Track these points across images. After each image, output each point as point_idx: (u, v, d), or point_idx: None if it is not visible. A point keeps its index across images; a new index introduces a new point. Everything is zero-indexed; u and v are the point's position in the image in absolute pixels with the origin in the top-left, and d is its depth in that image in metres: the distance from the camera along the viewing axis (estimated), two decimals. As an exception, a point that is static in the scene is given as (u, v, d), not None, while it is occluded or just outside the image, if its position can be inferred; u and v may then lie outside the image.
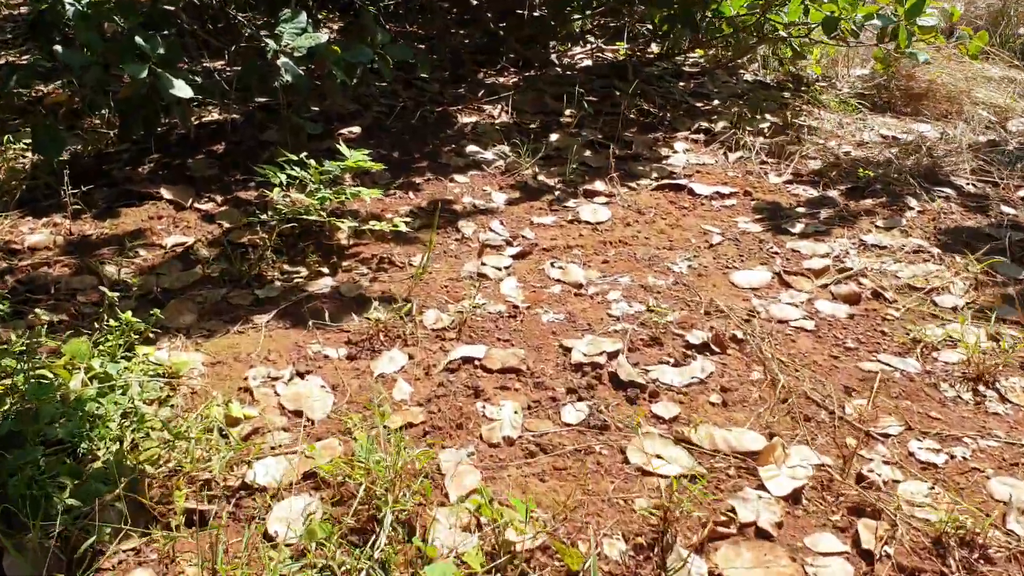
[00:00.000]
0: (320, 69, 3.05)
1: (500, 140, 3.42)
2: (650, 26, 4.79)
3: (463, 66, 4.26)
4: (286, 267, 2.44)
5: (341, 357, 2.03)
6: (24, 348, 1.83)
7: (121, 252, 2.45)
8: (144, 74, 2.70)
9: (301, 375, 1.94)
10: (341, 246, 2.58)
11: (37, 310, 2.07)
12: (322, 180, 2.59)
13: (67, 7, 2.85)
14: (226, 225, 2.65)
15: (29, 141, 3.10)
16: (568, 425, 1.79)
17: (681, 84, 4.37)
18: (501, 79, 4.25)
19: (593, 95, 3.96)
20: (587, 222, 2.79)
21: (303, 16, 2.94)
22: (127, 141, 3.18)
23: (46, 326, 2.01)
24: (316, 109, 3.60)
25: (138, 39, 2.73)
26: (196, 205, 2.76)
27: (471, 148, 3.32)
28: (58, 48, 2.72)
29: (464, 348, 2.05)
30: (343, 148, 2.82)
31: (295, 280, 2.38)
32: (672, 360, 2.02)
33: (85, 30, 2.83)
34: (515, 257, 2.54)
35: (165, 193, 2.77)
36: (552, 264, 2.49)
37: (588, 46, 4.70)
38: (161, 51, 2.76)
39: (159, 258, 2.45)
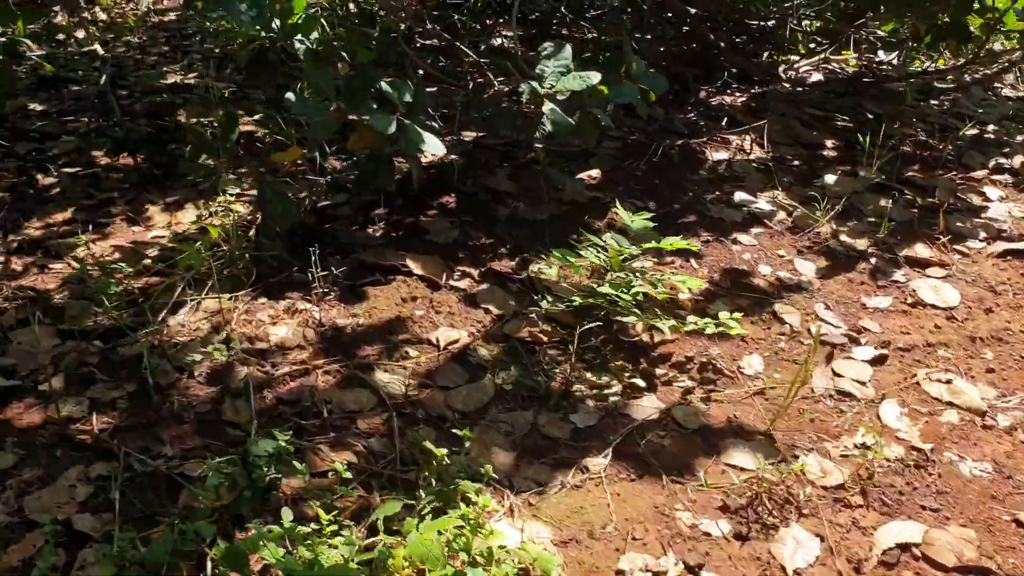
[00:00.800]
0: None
1: (768, 183, 2.88)
2: (880, 32, 4.16)
3: (682, 84, 3.71)
4: (589, 375, 1.97)
5: (727, 535, 1.54)
6: (336, 533, 1.41)
7: (389, 352, 2.02)
8: (392, 128, 2.27)
9: (691, 570, 1.47)
10: (644, 343, 2.09)
11: (330, 457, 1.64)
12: (624, 264, 2.10)
13: (297, 44, 2.43)
14: (494, 311, 2.19)
15: (237, 192, 2.72)
16: None
17: (934, 103, 3.74)
18: (726, 98, 3.69)
19: (840, 116, 3.38)
20: (933, 306, 2.23)
21: (567, 50, 2.44)
22: (357, 192, 2.75)
23: (338, 475, 1.59)
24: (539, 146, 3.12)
25: (385, 86, 2.30)
26: (451, 282, 2.31)
27: (740, 196, 2.79)
28: (290, 96, 2.29)
29: (892, 527, 1.53)
30: (622, 212, 2.34)
31: (609, 398, 1.90)
32: None
33: (316, 71, 2.40)
34: (871, 362, 2.01)
35: (414, 267, 2.32)
36: (928, 376, 1.95)
37: (814, 56, 4.09)
38: (408, 99, 2.32)
39: (433, 360, 2.01)
